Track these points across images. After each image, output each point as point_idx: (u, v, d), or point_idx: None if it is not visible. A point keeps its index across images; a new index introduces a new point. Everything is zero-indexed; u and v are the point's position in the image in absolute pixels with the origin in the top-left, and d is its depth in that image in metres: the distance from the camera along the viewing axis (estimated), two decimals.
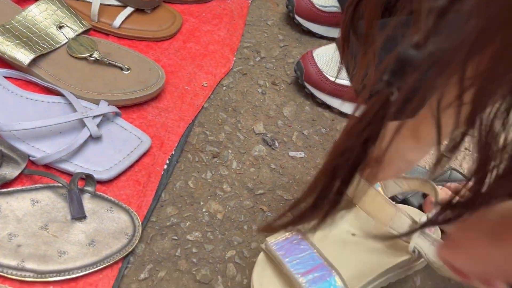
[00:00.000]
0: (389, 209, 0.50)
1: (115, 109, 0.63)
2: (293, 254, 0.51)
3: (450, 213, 0.31)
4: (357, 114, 0.31)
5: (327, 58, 0.77)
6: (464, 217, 0.30)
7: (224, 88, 0.78)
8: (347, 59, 0.48)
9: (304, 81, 0.78)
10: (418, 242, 0.52)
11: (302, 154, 0.72)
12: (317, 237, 0.54)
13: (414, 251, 0.52)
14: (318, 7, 0.87)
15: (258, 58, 0.85)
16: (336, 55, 0.77)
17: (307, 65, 0.77)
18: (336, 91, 0.76)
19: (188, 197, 0.62)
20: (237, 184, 0.66)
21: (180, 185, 0.63)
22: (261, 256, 0.55)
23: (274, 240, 0.54)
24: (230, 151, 0.69)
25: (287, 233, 0.53)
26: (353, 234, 0.56)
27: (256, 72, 0.82)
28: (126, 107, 0.67)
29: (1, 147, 0.54)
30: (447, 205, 0.31)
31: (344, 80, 0.76)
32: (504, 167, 0.26)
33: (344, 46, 0.45)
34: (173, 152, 0.65)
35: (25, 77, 0.66)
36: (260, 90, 0.80)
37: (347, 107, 0.78)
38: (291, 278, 0.49)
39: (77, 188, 0.54)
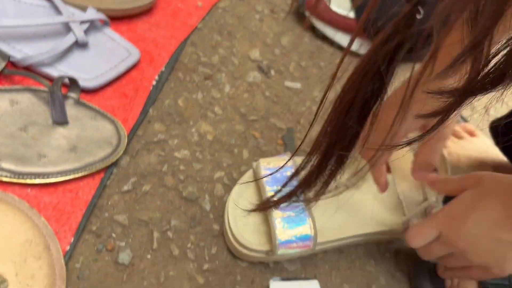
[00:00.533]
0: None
1: (104, 17, 0.59)
2: (277, 184, 0.49)
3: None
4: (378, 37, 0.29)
5: None
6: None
7: (220, 10, 0.74)
8: None
9: (306, 9, 0.74)
10: (414, 219, 0.51)
11: (298, 85, 0.70)
12: None
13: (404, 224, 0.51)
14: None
15: None
16: None
17: None
18: (339, 22, 0.73)
19: (177, 116, 0.59)
20: (229, 108, 0.63)
21: (169, 103, 0.60)
22: (247, 174, 0.53)
23: (267, 164, 0.52)
24: (223, 75, 0.66)
25: (281, 163, 0.51)
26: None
27: None
28: (115, 19, 0.63)
29: None
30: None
31: (348, 11, 0.72)
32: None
33: None
34: (163, 69, 0.62)
35: None
36: (257, 16, 0.76)
37: (348, 40, 0.75)
38: (269, 217, 0.48)
39: (60, 92, 0.51)
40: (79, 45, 0.57)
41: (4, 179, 0.46)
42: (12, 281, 0.41)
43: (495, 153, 0.64)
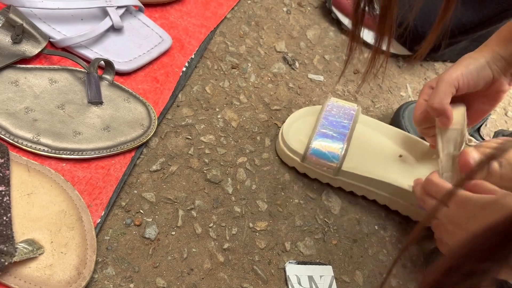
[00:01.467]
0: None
1: (139, 3, 0.62)
2: (335, 114, 0.59)
3: None
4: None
5: None
6: None
7: (249, 1, 0.76)
8: None
9: (332, 5, 0.76)
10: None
11: (321, 78, 0.71)
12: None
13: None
14: None
15: None
16: None
17: None
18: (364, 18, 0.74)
19: (204, 102, 0.62)
20: (254, 97, 0.65)
21: (197, 89, 0.63)
22: (312, 107, 0.62)
23: (335, 101, 0.61)
24: (249, 64, 0.68)
25: (347, 104, 0.61)
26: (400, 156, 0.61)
27: None
28: (149, 6, 0.65)
29: (22, 22, 0.53)
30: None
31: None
32: None
33: None
34: (193, 56, 0.64)
35: None
36: (285, 9, 0.77)
37: (373, 37, 0.76)
38: (314, 127, 0.57)
39: (96, 73, 0.53)
40: (115, 29, 0.60)
41: (42, 153, 0.49)
42: (47, 248, 0.44)
43: None
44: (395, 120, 0.68)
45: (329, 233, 0.56)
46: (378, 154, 0.60)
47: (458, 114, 0.51)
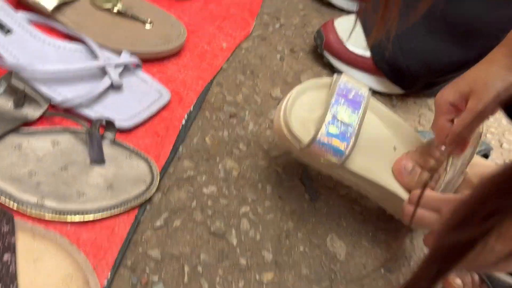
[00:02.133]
0: None
1: (137, 61, 0.63)
2: (346, 101, 0.55)
3: None
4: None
5: (348, 28, 0.76)
6: None
7: (243, 51, 0.78)
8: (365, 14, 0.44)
9: (324, 49, 0.78)
10: None
11: None
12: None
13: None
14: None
15: (278, 25, 0.84)
16: (358, 25, 0.77)
17: (328, 34, 0.76)
18: (355, 61, 0.76)
19: (204, 153, 0.63)
20: (253, 145, 0.66)
21: (197, 140, 0.64)
22: (319, 80, 0.59)
23: (346, 81, 0.57)
24: (247, 113, 0.69)
25: (359, 86, 0.57)
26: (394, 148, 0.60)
27: (275, 38, 0.82)
28: (146, 61, 0.67)
29: (24, 87, 0.54)
30: None
31: (363, 50, 0.76)
32: None
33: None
34: (192, 109, 0.65)
35: (48, 23, 0.65)
36: (278, 56, 0.79)
37: (366, 79, 0.78)
38: (324, 111, 0.54)
39: (98, 133, 0.54)
40: (114, 87, 0.61)
41: (47, 216, 0.49)
42: None
43: None
44: None
45: (336, 280, 0.56)
46: (382, 153, 0.58)
47: (476, 132, 0.52)
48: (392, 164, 0.58)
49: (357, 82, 0.58)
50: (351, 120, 0.54)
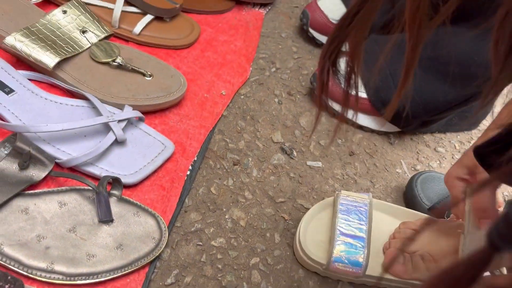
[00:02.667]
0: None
1: (139, 114, 0.64)
2: (350, 215, 0.58)
3: None
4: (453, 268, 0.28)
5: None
6: None
7: (242, 97, 0.79)
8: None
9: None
10: None
11: (319, 164, 0.73)
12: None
13: None
14: (332, 21, 0.88)
15: (274, 69, 0.86)
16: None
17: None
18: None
19: (211, 204, 0.62)
20: (258, 192, 0.66)
21: (203, 191, 0.63)
22: (325, 200, 0.63)
23: (346, 196, 0.60)
24: (250, 159, 0.70)
25: (359, 198, 0.61)
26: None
27: (272, 82, 0.83)
28: (148, 113, 0.67)
29: (29, 148, 0.54)
30: None
31: (359, 92, 0.77)
32: None
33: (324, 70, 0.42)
34: (195, 158, 0.65)
35: (49, 80, 0.65)
36: (276, 100, 0.80)
37: (363, 119, 0.79)
38: (332, 230, 0.58)
39: (105, 192, 0.54)
40: (118, 142, 0.61)
41: (57, 281, 0.48)
42: None
43: None
44: (409, 189, 0.70)
45: None
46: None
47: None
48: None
49: (357, 194, 0.62)
50: (360, 231, 0.57)
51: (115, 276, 0.50)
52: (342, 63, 0.40)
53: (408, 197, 0.71)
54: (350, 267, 0.55)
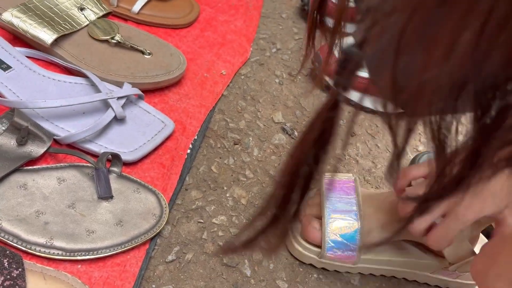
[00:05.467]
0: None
1: (139, 92, 0.63)
2: (337, 192, 0.56)
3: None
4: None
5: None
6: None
7: (242, 77, 0.78)
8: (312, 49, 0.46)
9: (322, 72, 0.78)
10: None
11: None
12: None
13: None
14: (334, 1, 0.87)
15: (274, 50, 0.85)
16: None
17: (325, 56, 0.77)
18: (354, 82, 0.77)
19: (211, 182, 0.62)
20: (259, 171, 0.65)
21: (204, 169, 0.63)
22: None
23: (330, 177, 0.58)
24: (251, 139, 0.69)
25: (344, 177, 0.58)
26: None
27: (273, 63, 0.82)
28: (147, 91, 0.66)
29: (27, 124, 0.53)
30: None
31: (362, 72, 0.76)
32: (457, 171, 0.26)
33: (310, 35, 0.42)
34: (196, 137, 0.65)
35: (47, 57, 0.64)
36: (277, 80, 0.80)
37: (365, 100, 0.79)
38: (322, 211, 0.54)
39: (105, 168, 0.53)
40: (117, 119, 0.60)
41: (57, 257, 0.48)
42: None
43: None
44: None
45: None
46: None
47: None
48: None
49: (341, 174, 0.60)
50: (351, 205, 0.55)
51: (115, 252, 0.50)
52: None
53: None
54: (346, 251, 0.53)
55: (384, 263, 0.56)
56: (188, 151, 0.63)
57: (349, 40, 0.28)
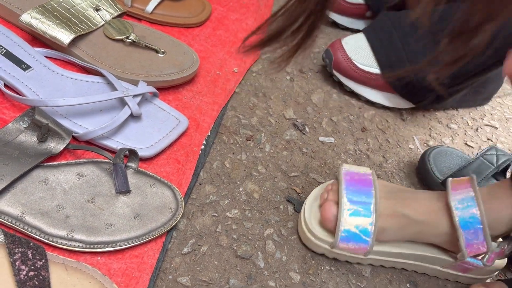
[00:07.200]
0: None
1: (154, 90, 0.64)
2: (354, 181, 0.56)
3: None
4: None
5: (356, 46, 0.78)
6: None
7: (254, 74, 0.79)
8: None
9: (333, 68, 0.79)
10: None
11: (332, 140, 0.74)
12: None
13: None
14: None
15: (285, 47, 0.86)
16: (365, 44, 0.78)
17: (336, 53, 0.78)
18: (365, 78, 0.78)
19: (225, 177, 0.63)
20: (271, 166, 0.67)
21: (217, 165, 0.64)
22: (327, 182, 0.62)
23: (348, 168, 0.59)
24: (262, 135, 0.70)
25: (362, 169, 0.59)
26: None
27: None
28: (162, 89, 0.68)
29: (47, 122, 0.55)
30: None
31: (373, 68, 0.77)
32: None
33: None
34: (209, 134, 0.66)
35: (64, 57, 0.66)
36: (288, 77, 0.81)
37: (375, 96, 0.80)
38: (339, 201, 0.55)
39: (122, 163, 0.55)
40: (133, 117, 0.62)
41: (77, 249, 0.50)
42: None
43: None
44: (421, 164, 0.70)
45: None
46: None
47: None
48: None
49: (360, 168, 0.59)
50: (368, 197, 0.55)
51: (133, 244, 0.52)
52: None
53: (420, 171, 0.71)
54: (359, 243, 0.54)
55: (395, 255, 0.57)
56: (202, 147, 0.64)
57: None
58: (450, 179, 0.55)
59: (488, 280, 0.61)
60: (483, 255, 0.54)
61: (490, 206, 0.52)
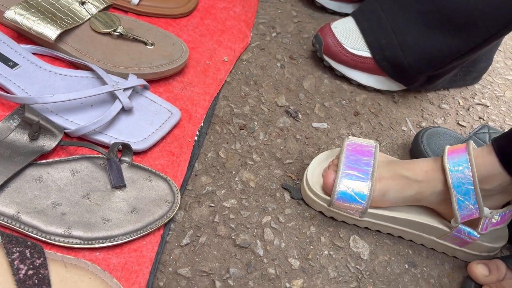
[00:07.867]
0: None
1: (144, 82, 0.64)
2: (355, 153, 0.59)
3: None
4: None
5: (345, 30, 0.78)
6: None
7: (244, 62, 0.79)
8: None
9: (323, 53, 0.79)
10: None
11: (325, 125, 0.74)
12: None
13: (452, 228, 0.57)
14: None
15: (274, 34, 0.85)
16: (355, 27, 0.78)
17: (326, 38, 0.78)
18: (356, 62, 0.78)
19: (220, 167, 0.63)
20: (266, 154, 0.67)
21: (212, 155, 0.64)
22: (334, 149, 0.65)
23: (353, 139, 0.62)
24: (256, 123, 0.70)
25: (365, 141, 0.62)
26: None
27: (273, 47, 0.83)
28: (152, 81, 0.68)
29: (38, 119, 0.54)
30: None
31: (363, 51, 0.77)
32: None
33: None
34: (202, 124, 0.66)
35: (52, 53, 0.65)
36: (278, 64, 0.80)
37: (367, 79, 0.80)
38: (338, 165, 0.58)
39: (116, 158, 0.55)
40: (125, 110, 0.61)
41: (75, 246, 0.49)
42: None
43: None
44: (415, 145, 0.71)
45: (364, 280, 0.57)
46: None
47: None
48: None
49: (364, 140, 0.62)
50: (366, 165, 0.58)
51: (131, 238, 0.51)
52: None
53: (414, 152, 0.71)
54: (354, 202, 0.56)
55: (391, 220, 0.59)
56: (196, 138, 0.64)
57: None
58: (447, 146, 0.57)
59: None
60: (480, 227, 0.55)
61: (483, 160, 0.54)
